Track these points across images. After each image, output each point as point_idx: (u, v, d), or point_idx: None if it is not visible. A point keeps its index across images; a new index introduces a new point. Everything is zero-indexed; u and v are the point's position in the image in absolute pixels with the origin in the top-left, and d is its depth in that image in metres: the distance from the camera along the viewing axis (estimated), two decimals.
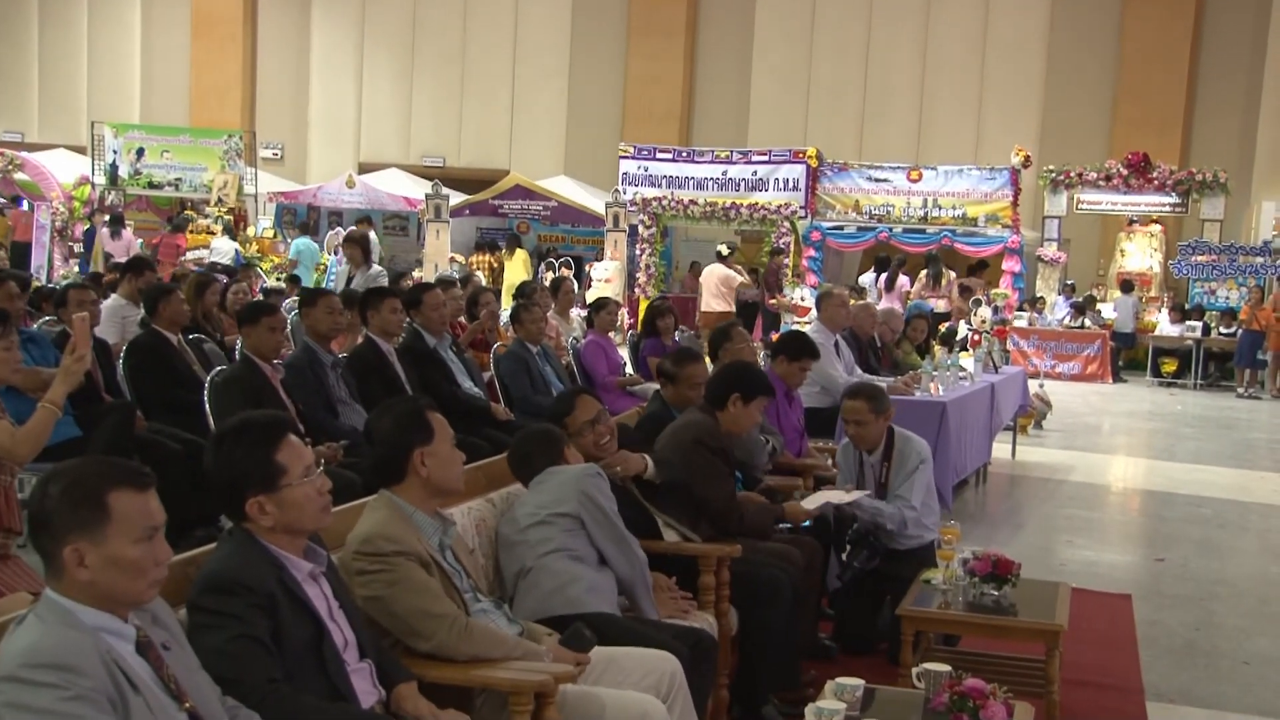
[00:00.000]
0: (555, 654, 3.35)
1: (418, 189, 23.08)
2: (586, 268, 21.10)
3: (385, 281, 10.85)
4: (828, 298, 8.91)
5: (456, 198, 22.19)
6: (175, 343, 7.10)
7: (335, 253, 20.92)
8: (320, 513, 2.92)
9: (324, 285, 18.04)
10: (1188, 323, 18.61)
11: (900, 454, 5.48)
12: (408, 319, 7.33)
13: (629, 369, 9.79)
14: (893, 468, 5.47)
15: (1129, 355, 19.60)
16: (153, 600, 2.46)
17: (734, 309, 16.93)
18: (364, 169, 26.04)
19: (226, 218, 21.01)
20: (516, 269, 19.92)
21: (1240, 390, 17.47)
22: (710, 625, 4.28)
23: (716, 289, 17.24)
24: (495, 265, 21.35)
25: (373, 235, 19.96)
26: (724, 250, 18.34)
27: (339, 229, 21.92)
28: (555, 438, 4.27)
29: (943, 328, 17.53)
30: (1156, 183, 19.58)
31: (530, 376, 8.00)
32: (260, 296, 10.43)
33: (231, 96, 27.91)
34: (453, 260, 20.58)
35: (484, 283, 17.86)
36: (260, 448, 2.87)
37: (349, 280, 11.09)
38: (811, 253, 19.92)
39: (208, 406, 6.17)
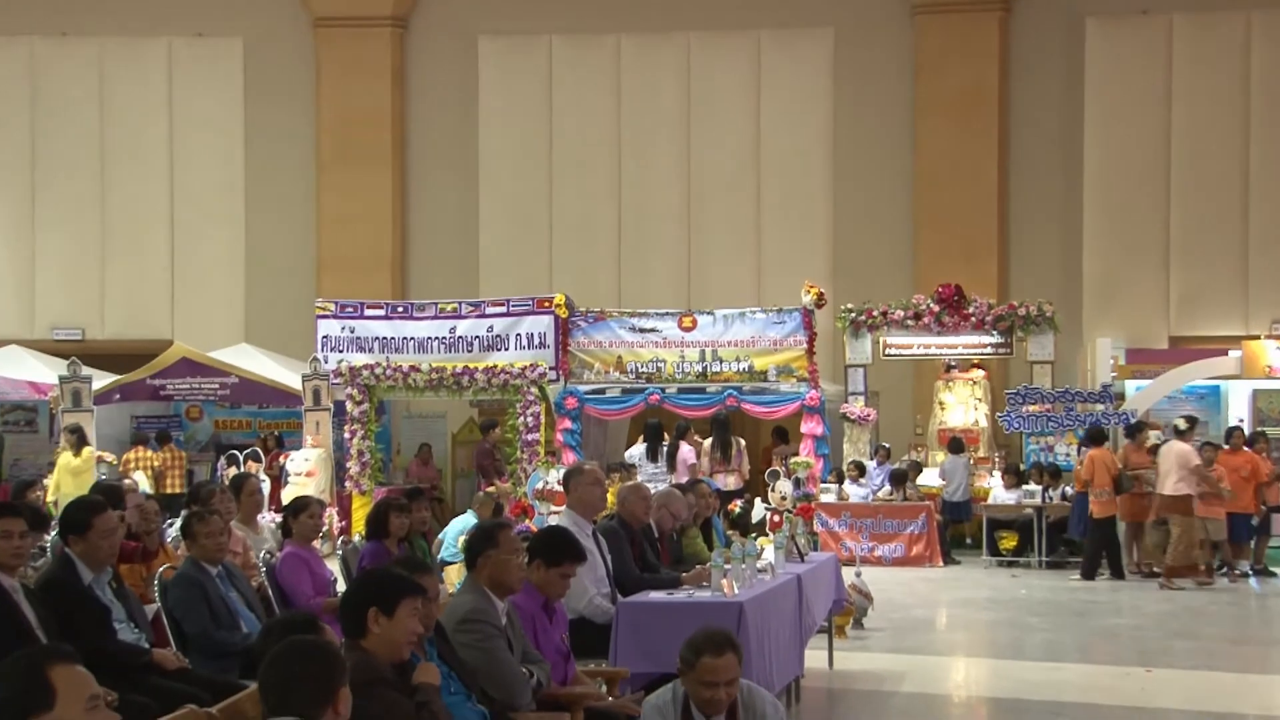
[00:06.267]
0: None
1: (49, 371, 22.32)
2: (281, 459, 20.71)
3: None
4: (578, 475, 8.94)
5: (102, 379, 21.55)
6: None
7: None
8: None
9: None
10: (1025, 487, 19.26)
11: (746, 709, 5.46)
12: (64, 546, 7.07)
13: (340, 586, 9.59)
14: None
15: (959, 530, 20.31)
16: None
17: (1198, 492, 16.68)
18: None
19: None
20: (67, 475, 19.12)
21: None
22: None
23: (1178, 469, 16.76)
24: (158, 465, 20.75)
25: None
26: (1181, 425, 17.93)
27: None
28: (334, 665, 4.13)
29: (734, 508, 17.99)
30: (974, 320, 20.50)
31: (210, 606, 7.75)
32: None
33: None
34: (100, 460, 19.88)
35: (145, 488, 17.36)
36: None
37: None
38: (568, 424, 20.09)
39: None
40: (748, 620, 7.90)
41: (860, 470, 19.90)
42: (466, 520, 13.93)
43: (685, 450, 19.35)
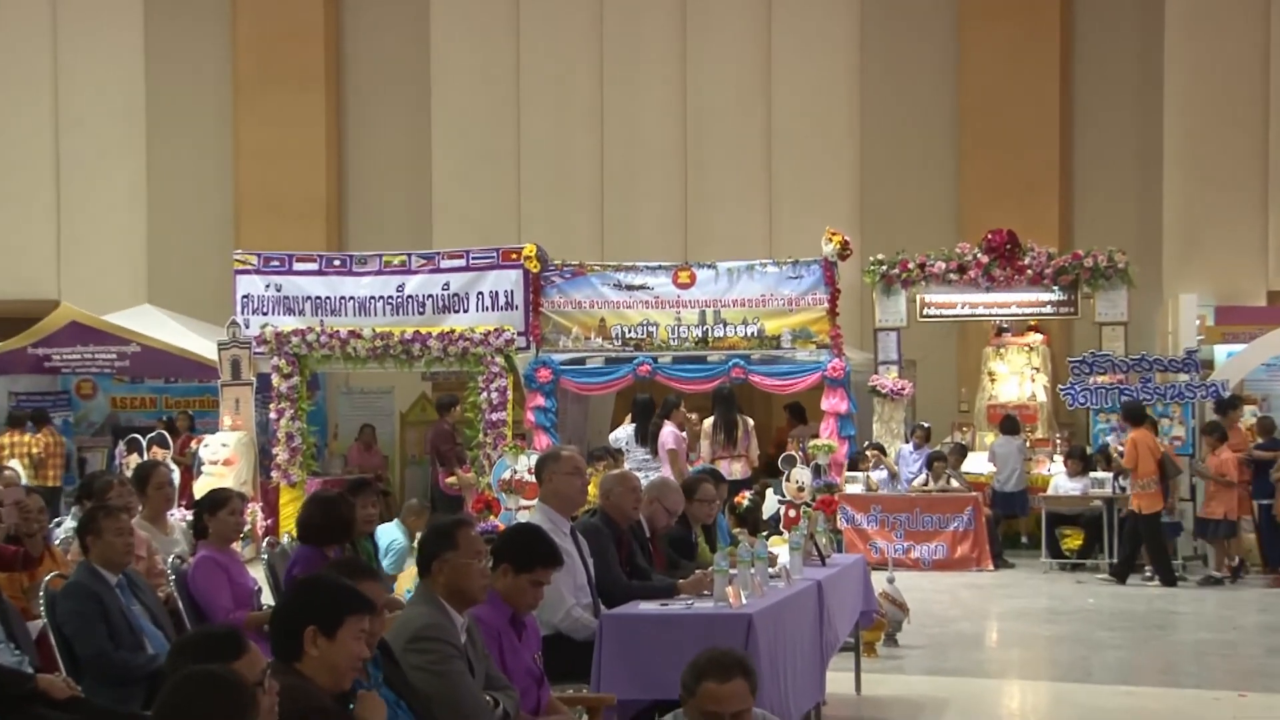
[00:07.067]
0: None
1: None
2: (193, 444, 20.74)
3: None
4: (553, 462, 8.94)
5: None
6: None
7: None
8: None
9: None
10: (1091, 475, 19.25)
11: None
12: None
13: (266, 597, 9.62)
14: None
15: (1013, 526, 20.34)
16: None
17: None
18: None
19: None
20: None
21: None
22: None
23: None
24: (36, 451, 20.78)
25: None
26: None
27: None
28: (240, 700, 4.14)
29: (742, 501, 18.02)
30: (1031, 273, 20.47)
31: (108, 622, 7.77)
32: None
33: None
34: None
35: (23, 479, 17.37)
36: None
37: None
38: (540, 401, 20.09)
39: None
40: (758, 636, 7.93)
41: (881, 453, 19.84)
42: (392, 534, 13.63)
43: (667, 432, 19.04)
